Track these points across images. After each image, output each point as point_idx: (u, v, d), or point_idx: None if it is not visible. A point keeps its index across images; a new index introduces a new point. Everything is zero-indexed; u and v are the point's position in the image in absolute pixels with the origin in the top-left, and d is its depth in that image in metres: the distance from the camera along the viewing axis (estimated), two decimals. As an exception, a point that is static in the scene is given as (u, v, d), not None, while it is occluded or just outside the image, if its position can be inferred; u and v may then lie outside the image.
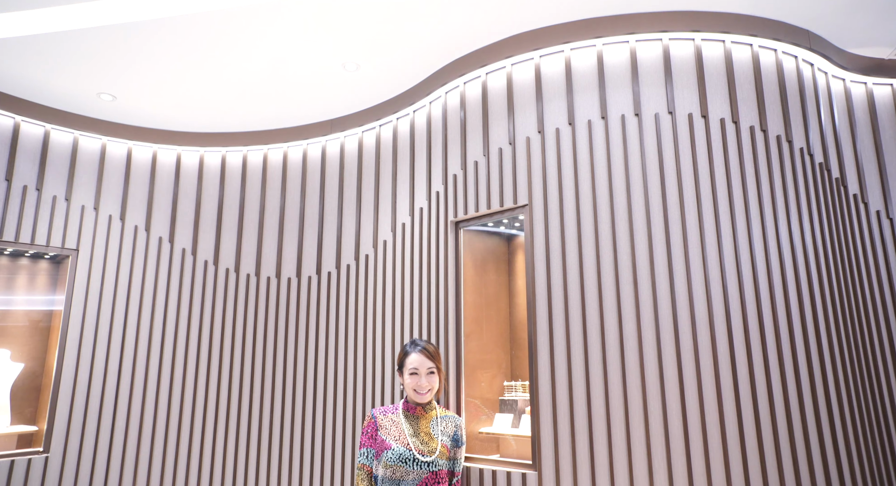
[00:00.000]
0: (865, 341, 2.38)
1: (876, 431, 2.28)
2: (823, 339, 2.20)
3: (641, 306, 2.17)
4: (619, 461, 2.09)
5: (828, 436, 2.11)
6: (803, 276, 2.23)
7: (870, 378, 2.35)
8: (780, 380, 2.09)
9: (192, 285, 3.38)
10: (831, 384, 2.17)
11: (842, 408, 2.17)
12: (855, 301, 2.39)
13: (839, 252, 2.39)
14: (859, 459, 2.15)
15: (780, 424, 2.05)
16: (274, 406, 3.26)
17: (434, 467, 2.24)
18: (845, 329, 2.29)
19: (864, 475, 2.15)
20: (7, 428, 2.98)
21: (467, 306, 2.66)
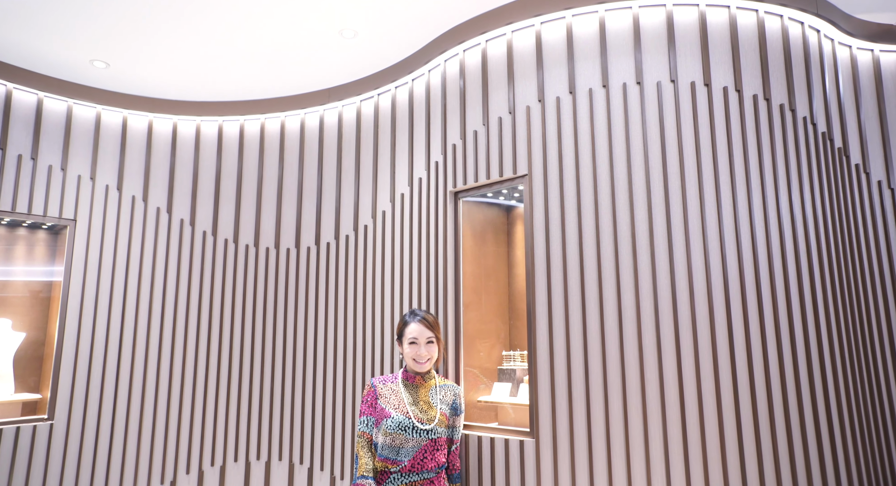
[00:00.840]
0: (863, 312, 2.40)
1: (871, 404, 2.31)
2: (821, 308, 2.21)
3: (640, 277, 2.17)
4: (616, 428, 2.12)
5: (821, 403, 2.13)
6: (802, 246, 2.22)
7: (866, 353, 2.37)
8: (777, 350, 2.11)
9: (190, 256, 3.38)
10: (826, 354, 2.19)
11: (836, 378, 2.19)
12: (854, 272, 2.39)
13: (839, 222, 2.38)
14: (851, 430, 2.19)
15: (776, 394, 2.08)
16: (274, 376, 3.30)
17: (433, 435, 2.28)
18: (843, 300, 2.30)
19: (856, 445, 2.18)
20: (11, 396, 3.02)
21: (466, 277, 2.67)
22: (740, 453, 2.02)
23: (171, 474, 3.18)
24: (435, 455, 2.28)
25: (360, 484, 2.23)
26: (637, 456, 2.08)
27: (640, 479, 2.06)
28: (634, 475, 2.07)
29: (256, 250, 3.43)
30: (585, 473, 2.14)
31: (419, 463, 2.24)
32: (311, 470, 3.10)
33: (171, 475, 3.17)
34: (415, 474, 2.25)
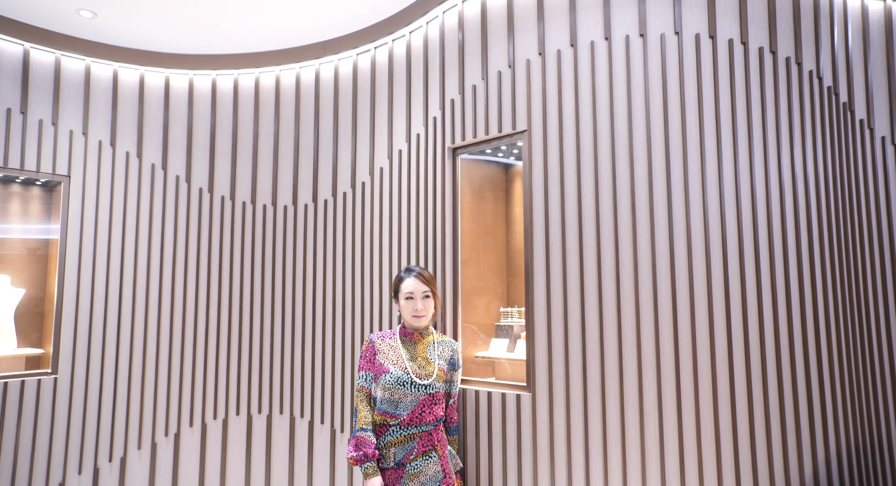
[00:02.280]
0: (862, 269, 2.40)
1: (866, 360, 2.34)
2: (817, 264, 2.22)
3: (638, 233, 2.17)
4: (611, 382, 2.16)
5: (813, 355, 2.16)
6: (802, 203, 2.21)
7: (862, 308, 2.38)
8: (772, 308, 2.12)
9: (187, 213, 3.36)
10: (821, 312, 2.20)
11: (829, 337, 2.21)
12: (854, 228, 2.39)
13: (841, 179, 2.36)
14: (840, 378, 2.22)
15: (769, 346, 2.10)
16: (274, 331, 3.33)
17: (431, 389, 2.31)
18: (842, 257, 2.30)
19: (844, 396, 2.23)
20: (14, 351, 3.06)
21: (464, 234, 2.66)
22: (732, 399, 2.06)
23: (175, 426, 3.25)
24: (433, 409, 2.32)
25: (360, 437, 2.28)
26: (631, 408, 2.12)
27: (633, 429, 2.11)
28: (628, 427, 2.12)
29: (254, 208, 3.41)
30: (580, 425, 2.19)
31: (417, 417, 2.29)
32: (312, 423, 3.17)
33: (174, 427, 3.24)
34: (413, 427, 2.29)
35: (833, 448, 2.16)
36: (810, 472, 2.10)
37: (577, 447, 2.19)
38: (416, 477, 2.25)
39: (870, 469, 2.30)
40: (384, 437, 2.30)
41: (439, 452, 2.31)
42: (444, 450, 2.34)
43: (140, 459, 3.17)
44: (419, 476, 2.25)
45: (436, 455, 2.30)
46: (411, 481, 2.24)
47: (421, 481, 2.25)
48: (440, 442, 2.34)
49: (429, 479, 2.26)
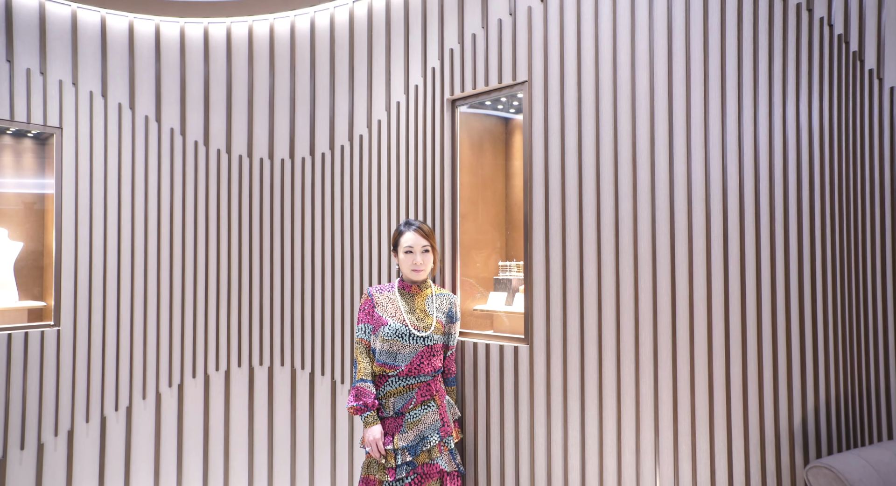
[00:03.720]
0: (863, 220, 2.39)
1: (861, 317, 2.36)
2: (817, 216, 2.21)
3: (639, 186, 2.14)
4: (608, 333, 2.18)
5: (808, 310, 2.18)
6: (805, 154, 2.18)
7: (860, 261, 2.39)
8: (770, 260, 2.13)
9: (183, 166, 3.32)
10: (818, 264, 2.21)
11: (825, 285, 2.22)
12: (858, 181, 2.37)
13: (847, 131, 2.32)
14: (834, 329, 2.25)
15: (765, 302, 2.11)
16: (273, 285, 3.35)
17: (429, 341, 2.34)
18: (842, 208, 2.29)
19: (836, 346, 2.26)
20: (16, 303, 3.08)
21: (463, 187, 2.64)
22: (726, 349, 2.09)
23: (179, 377, 3.31)
24: (431, 360, 2.36)
25: (360, 387, 2.33)
26: (627, 360, 2.15)
27: (628, 380, 2.15)
28: (623, 378, 2.15)
29: (250, 161, 3.37)
30: (577, 376, 2.23)
31: (416, 368, 2.33)
32: (313, 375, 3.23)
33: (178, 378, 3.30)
34: (412, 377, 2.33)
35: (823, 397, 2.20)
36: (799, 420, 2.15)
37: (573, 398, 2.23)
38: (415, 426, 2.30)
39: (858, 419, 2.36)
40: (383, 387, 2.35)
41: (437, 401, 2.36)
42: (442, 400, 2.39)
43: (145, 408, 3.24)
44: (418, 425, 2.31)
45: (434, 405, 2.35)
46: (410, 429, 2.30)
47: (420, 429, 2.31)
48: (438, 392, 2.38)
49: (427, 427, 2.32)
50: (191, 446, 3.31)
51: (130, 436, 3.21)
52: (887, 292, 2.50)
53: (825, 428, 2.20)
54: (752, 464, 2.09)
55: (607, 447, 2.17)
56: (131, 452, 3.21)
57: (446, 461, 2.35)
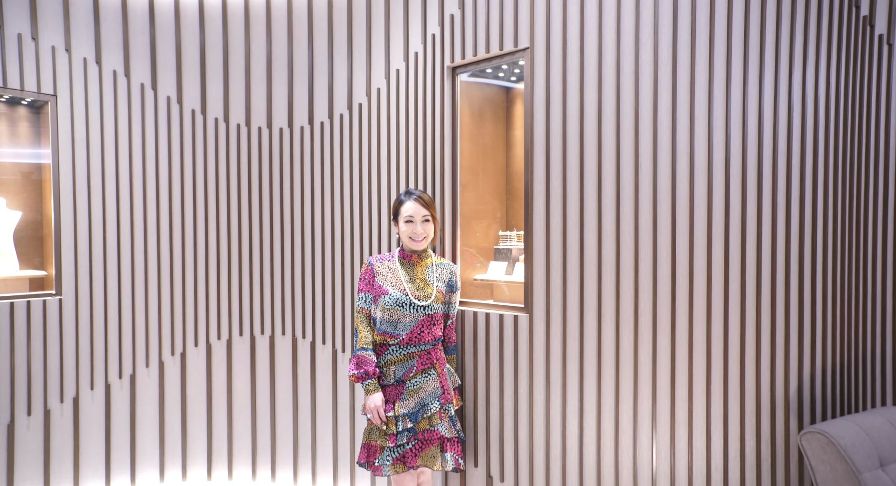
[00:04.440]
0: (867, 190, 2.38)
1: (857, 282, 2.37)
2: (820, 186, 2.20)
3: (641, 154, 2.13)
4: (608, 303, 2.19)
5: (808, 281, 2.19)
6: (810, 122, 2.16)
7: (862, 230, 2.39)
8: (771, 231, 2.12)
9: (181, 135, 3.29)
10: (819, 234, 2.21)
11: (825, 255, 2.23)
12: (863, 150, 2.35)
13: (855, 98, 2.29)
14: (833, 297, 2.26)
15: (765, 274, 2.12)
16: (273, 254, 3.35)
17: (430, 310, 2.36)
18: (846, 179, 2.27)
19: (835, 314, 2.27)
20: (17, 272, 3.08)
21: (464, 156, 2.62)
22: (724, 323, 2.10)
23: (181, 346, 3.34)
24: (432, 329, 2.38)
25: (360, 355, 2.35)
26: (626, 328, 2.17)
27: (627, 348, 2.17)
28: (622, 346, 2.17)
29: (248, 130, 3.34)
30: (576, 344, 2.25)
31: (416, 336, 2.35)
32: (314, 344, 3.26)
33: (180, 347, 3.33)
34: (412, 346, 2.36)
35: (819, 365, 2.23)
36: (795, 387, 2.18)
37: (573, 366, 2.26)
38: (416, 393, 2.33)
39: (853, 386, 2.39)
40: (384, 356, 2.37)
41: (438, 370, 2.39)
42: (442, 368, 2.42)
43: (149, 376, 3.28)
44: (419, 392, 2.34)
45: (434, 373, 2.38)
46: (411, 397, 2.33)
47: (420, 396, 2.34)
48: (439, 361, 2.41)
49: (428, 395, 2.35)
50: (194, 413, 3.36)
51: (135, 403, 3.26)
52: (887, 261, 2.51)
53: (820, 395, 2.23)
54: (748, 430, 2.13)
55: (605, 414, 2.21)
56: (136, 418, 3.26)
57: (446, 427, 2.38)
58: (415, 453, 2.32)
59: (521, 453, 2.39)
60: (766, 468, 2.15)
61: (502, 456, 2.45)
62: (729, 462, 2.13)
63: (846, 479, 1.86)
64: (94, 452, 3.18)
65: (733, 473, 2.13)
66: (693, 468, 2.13)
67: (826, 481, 1.92)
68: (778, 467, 2.17)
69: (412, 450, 2.32)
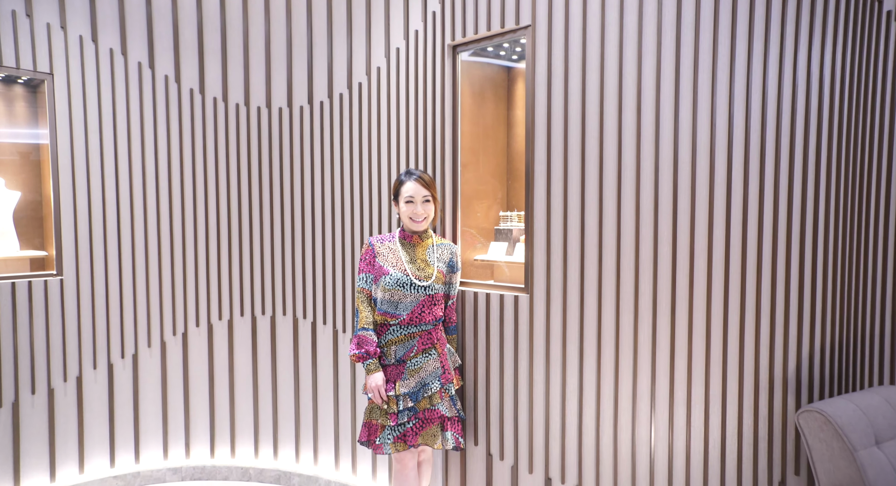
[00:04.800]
0: (871, 171, 2.37)
1: (858, 263, 2.37)
2: (822, 166, 2.18)
3: (642, 134, 2.11)
4: (608, 284, 2.19)
5: (808, 261, 2.19)
6: (815, 102, 2.14)
7: (864, 212, 2.38)
8: (773, 211, 2.12)
9: (179, 115, 3.26)
10: (821, 215, 2.20)
11: (827, 234, 2.22)
12: (867, 130, 2.33)
13: (861, 76, 2.27)
14: (833, 277, 2.26)
15: (765, 254, 2.12)
16: (274, 235, 3.35)
17: (430, 290, 2.36)
18: (850, 160, 2.26)
19: (835, 294, 2.28)
20: (17, 252, 3.09)
21: (464, 137, 2.60)
22: (725, 304, 2.11)
23: (182, 326, 3.35)
24: (432, 310, 2.38)
25: (361, 335, 2.36)
26: (626, 309, 2.17)
27: (627, 329, 2.18)
28: (622, 326, 2.18)
29: (248, 110, 3.31)
30: (576, 324, 2.26)
31: (417, 317, 2.36)
32: (315, 324, 3.27)
33: (181, 327, 3.35)
34: (413, 326, 2.37)
35: (818, 344, 2.24)
36: (794, 367, 2.19)
37: (572, 346, 2.27)
38: (417, 373, 2.35)
39: (851, 365, 2.41)
40: (385, 336, 2.38)
41: (438, 350, 2.40)
42: (443, 348, 2.43)
43: (151, 356, 3.30)
44: (419, 372, 2.35)
45: (435, 353, 2.39)
46: (412, 376, 2.35)
47: (421, 376, 2.35)
48: (439, 341, 2.42)
49: (428, 374, 2.36)
50: (197, 392, 3.39)
51: (138, 382, 3.28)
52: (888, 241, 2.51)
53: (818, 374, 2.25)
54: (746, 409, 2.15)
55: (604, 394, 2.23)
56: (139, 397, 3.29)
57: (447, 406, 2.40)
58: (415, 431, 2.35)
59: (520, 432, 2.42)
60: (763, 446, 2.18)
61: (502, 435, 2.48)
62: (726, 441, 2.15)
63: (842, 456, 1.89)
64: (99, 430, 3.21)
65: (730, 451, 2.16)
66: (691, 446, 2.15)
67: (822, 458, 1.95)
68: (775, 445, 2.19)
69: (413, 429, 2.35)
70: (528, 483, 2.41)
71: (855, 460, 1.86)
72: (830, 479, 1.93)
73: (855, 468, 1.85)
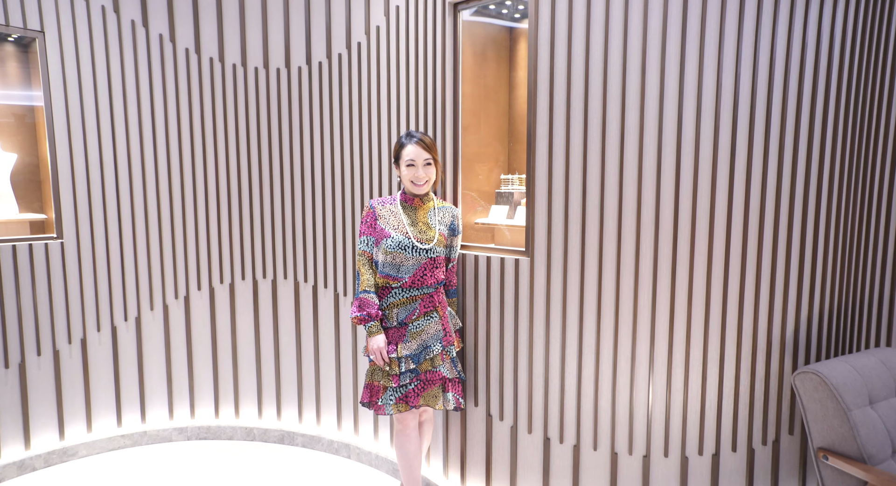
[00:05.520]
0: (877, 135, 2.34)
1: (860, 228, 2.37)
2: (829, 128, 2.16)
3: (647, 95, 2.07)
4: (609, 247, 2.19)
5: (811, 226, 2.18)
6: (823, 64, 2.09)
7: (868, 178, 2.36)
8: (776, 175, 2.10)
9: (175, 75, 3.20)
10: (825, 179, 2.18)
11: (830, 200, 2.21)
12: (877, 92, 2.29)
13: (871, 38, 2.22)
14: (835, 242, 2.26)
15: (768, 217, 2.11)
16: (273, 198, 3.33)
17: (432, 253, 2.36)
18: (856, 122, 2.23)
19: (836, 259, 2.28)
20: (17, 215, 3.07)
21: (465, 98, 2.55)
22: (725, 267, 2.11)
23: (184, 289, 3.37)
24: (434, 272, 2.39)
25: (363, 298, 2.37)
26: (627, 272, 2.18)
27: (627, 292, 2.19)
28: (623, 289, 2.19)
29: (245, 71, 3.25)
30: (576, 287, 2.26)
31: (419, 280, 2.36)
32: (316, 287, 3.29)
33: (183, 290, 3.37)
34: (415, 289, 2.37)
35: (817, 307, 2.26)
36: (792, 330, 2.21)
37: (572, 308, 2.28)
38: (418, 335, 2.37)
39: (850, 328, 2.43)
40: (387, 298, 2.39)
41: (440, 312, 2.42)
42: (444, 311, 2.45)
43: (154, 319, 3.33)
44: (421, 335, 2.37)
45: (437, 316, 2.41)
46: (413, 339, 2.37)
47: (423, 339, 2.37)
48: (441, 304, 2.43)
49: (430, 337, 2.38)
50: (200, 355, 3.43)
51: (141, 345, 3.32)
52: (893, 203, 2.50)
53: (816, 337, 2.27)
54: (743, 371, 2.18)
55: (604, 356, 2.25)
56: (143, 359, 3.34)
57: (448, 368, 2.43)
58: (417, 392, 2.38)
59: (520, 393, 2.46)
60: (759, 406, 2.22)
61: (502, 396, 2.52)
62: (723, 402, 2.19)
63: (836, 416, 1.92)
64: (105, 391, 3.26)
65: (726, 412, 2.20)
66: (687, 407, 2.19)
67: (816, 418, 1.98)
68: (770, 406, 2.23)
69: (414, 390, 2.38)
70: (527, 443, 2.47)
71: (848, 419, 1.89)
72: (823, 438, 1.97)
73: (848, 426, 1.89)
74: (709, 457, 2.23)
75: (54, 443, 3.14)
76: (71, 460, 3.16)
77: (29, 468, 3.04)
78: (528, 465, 2.47)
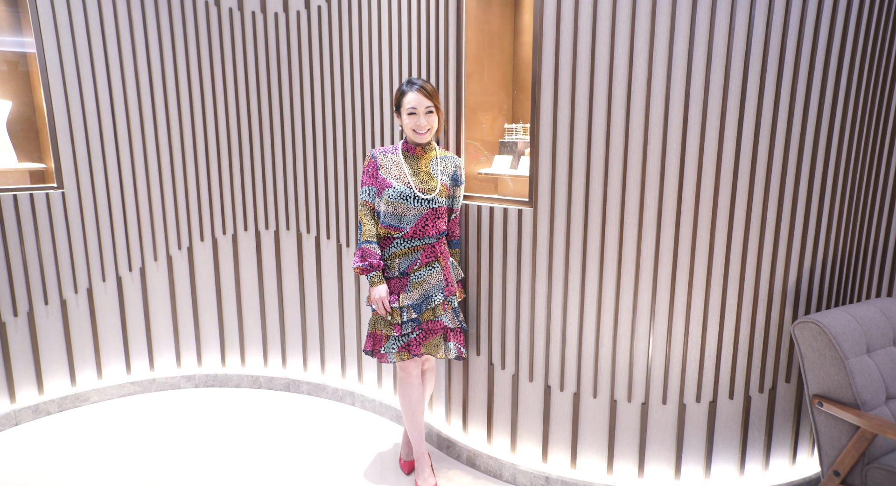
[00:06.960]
0: (889, 91, 2.28)
1: (867, 180, 2.33)
2: (843, 84, 2.10)
3: (656, 42, 2.01)
4: (613, 198, 2.17)
5: (818, 178, 2.16)
6: (841, 16, 2.02)
7: (883, 127, 2.31)
8: (786, 127, 2.06)
9: (170, 20, 3.11)
10: (836, 133, 2.14)
11: (840, 152, 2.17)
12: (885, 47, 2.22)
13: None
14: (842, 195, 2.24)
15: (775, 168, 2.08)
16: (274, 147, 3.29)
17: (434, 204, 2.34)
18: (868, 79, 2.17)
19: (841, 210, 2.26)
20: (15, 164, 3.05)
21: (469, 44, 2.48)
22: (730, 217, 2.10)
23: (188, 240, 3.38)
24: (436, 223, 2.38)
25: (365, 248, 2.37)
26: (630, 222, 2.16)
27: (630, 243, 2.18)
28: (626, 240, 2.19)
29: (241, 14, 3.15)
30: (579, 238, 2.26)
31: (421, 230, 2.35)
32: (318, 238, 3.29)
33: (186, 241, 3.38)
34: (417, 239, 2.37)
35: (820, 258, 2.25)
36: (794, 280, 2.22)
37: (575, 259, 2.28)
38: (420, 285, 2.38)
39: (852, 278, 2.43)
40: (389, 249, 2.39)
41: (442, 263, 2.42)
42: (446, 261, 2.45)
43: (158, 270, 3.35)
44: (423, 285, 2.38)
45: (438, 266, 2.41)
46: (415, 289, 2.38)
47: (424, 288, 2.39)
48: (443, 254, 2.43)
49: (432, 287, 2.40)
50: (205, 305, 3.47)
51: (147, 295, 3.35)
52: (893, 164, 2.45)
53: (817, 287, 2.28)
54: (743, 320, 2.20)
55: (605, 306, 2.27)
56: (150, 309, 3.38)
57: (450, 318, 2.46)
58: (419, 341, 2.41)
59: (521, 342, 2.49)
60: (758, 355, 2.24)
61: (504, 345, 2.55)
62: (722, 351, 2.22)
63: (832, 364, 1.94)
64: (113, 339, 3.32)
65: (725, 360, 2.23)
66: (687, 356, 2.22)
67: (813, 366, 2.01)
68: (769, 355, 2.26)
69: (416, 339, 2.41)
70: (527, 391, 2.52)
71: (845, 367, 1.92)
72: (819, 385, 2.00)
73: (844, 374, 1.92)
74: (706, 404, 2.27)
75: (66, 389, 3.22)
76: (83, 405, 3.25)
77: (44, 411, 3.13)
78: (529, 412, 2.53)
